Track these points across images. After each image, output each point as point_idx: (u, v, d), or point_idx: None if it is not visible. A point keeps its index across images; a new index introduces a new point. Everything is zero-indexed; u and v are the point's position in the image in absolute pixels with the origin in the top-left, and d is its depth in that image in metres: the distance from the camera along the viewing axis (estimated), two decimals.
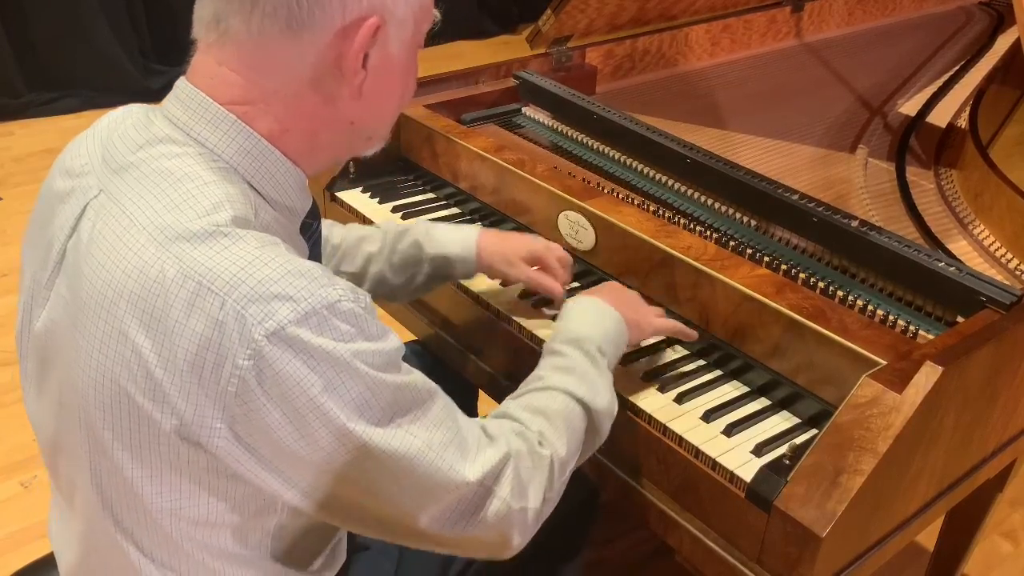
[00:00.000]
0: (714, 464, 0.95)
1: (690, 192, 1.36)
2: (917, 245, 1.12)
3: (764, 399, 1.05)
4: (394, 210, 1.43)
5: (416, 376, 0.78)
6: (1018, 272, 1.21)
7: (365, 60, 0.78)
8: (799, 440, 0.97)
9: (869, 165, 1.55)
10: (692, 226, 1.24)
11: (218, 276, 0.69)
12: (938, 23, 2.30)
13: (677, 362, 1.12)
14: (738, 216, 1.30)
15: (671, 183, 1.38)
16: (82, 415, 0.76)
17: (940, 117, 1.75)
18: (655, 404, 1.03)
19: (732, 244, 1.17)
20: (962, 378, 0.94)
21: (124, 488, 0.76)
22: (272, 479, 0.74)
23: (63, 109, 3.77)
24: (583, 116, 1.51)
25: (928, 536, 1.63)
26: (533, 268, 1.16)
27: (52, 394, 0.81)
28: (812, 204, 1.22)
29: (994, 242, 1.28)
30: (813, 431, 1.00)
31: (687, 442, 0.98)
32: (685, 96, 1.79)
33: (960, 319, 1.05)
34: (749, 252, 1.15)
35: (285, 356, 0.68)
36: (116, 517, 0.79)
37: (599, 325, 0.99)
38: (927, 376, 0.88)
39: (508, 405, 0.91)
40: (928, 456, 0.97)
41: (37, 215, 0.85)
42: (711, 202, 1.33)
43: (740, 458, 0.95)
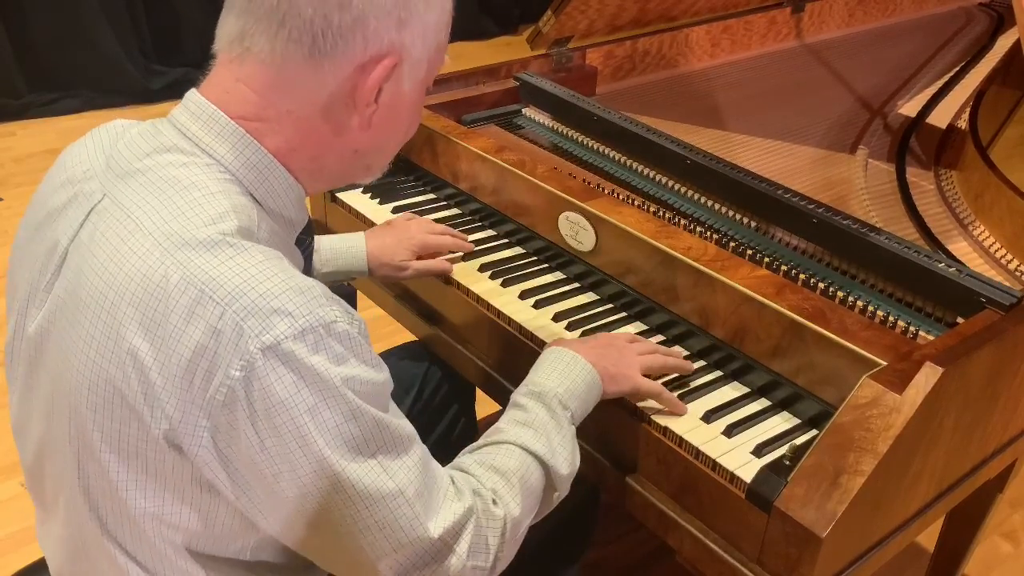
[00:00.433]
0: (714, 465, 0.95)
1: (690, 193, 1.36)
2: (917, 246, 1.12)
3: (764, 400, 1.05)
4: (394, 211, 1.43)
5: (400, 420, 0.78)
6: (1018, 273, 1.21)
7: (378, 94, 0.79)
8: (799, 441, 0.97)
9: (869, 166, 1.55)
10: (692, 227, 1.24)
11: (221, 286, 0.70)
12: (938, 24, 2.29)
13: None
14: (738, 217, 1.30)
15: (671, 184, 1.38)
16: (72, 415, 0.77)
17: (940, 118, 1.75)
18: (655, 405, 1.03)
19: (732, 245, 1.17)
20: (962, 379, 0.94)
21: (109, 490, 0.77)
22: (241, 498, 0.74)
23: (64, 110, 3.78)
24: (583, 117, 1.51)
25: (928, 537, 1.63)
26: (417, 259, 1.27)
27: (42, 395, 0.81)
28: (812, 205, 1.22)
29: (994, 243, 1.28)
30: (813, 432, 1.00)
31: (687, 443, 0.98)
32: (685, 97, 1.79)
33: (960, 320, 1.05)
34: (749, 253, 1.15)
35: (277, 371, 0.69)
36: (102, 520, 0.79)
37: (567, 378, 0.97)
38: (927, 377, 0.88)
39: (465, 460, 0.90)
40: (928, 457, 0.97)
41: (30, 223, 0.85)
42: (711, 203, 1.33)
43: (740, 459, 0.95)
